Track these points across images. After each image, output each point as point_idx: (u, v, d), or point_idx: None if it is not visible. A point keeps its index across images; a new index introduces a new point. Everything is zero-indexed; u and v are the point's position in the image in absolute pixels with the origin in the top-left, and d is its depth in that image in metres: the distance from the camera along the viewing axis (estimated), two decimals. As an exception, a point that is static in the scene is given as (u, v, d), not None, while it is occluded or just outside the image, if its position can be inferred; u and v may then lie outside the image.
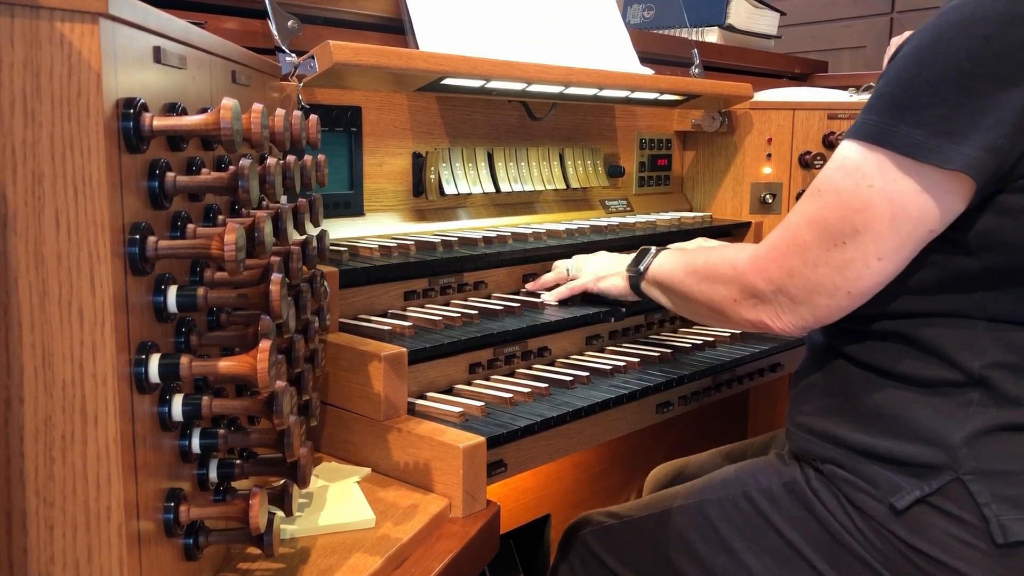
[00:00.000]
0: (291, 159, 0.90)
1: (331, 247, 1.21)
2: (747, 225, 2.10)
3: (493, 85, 1.56)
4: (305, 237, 1.00)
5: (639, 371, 1.46)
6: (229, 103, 0.71)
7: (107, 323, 0.65)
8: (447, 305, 1.46)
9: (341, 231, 1.48)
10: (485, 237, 1.55)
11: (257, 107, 0.76)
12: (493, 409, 1.24)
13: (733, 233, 2.09)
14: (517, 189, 1.78)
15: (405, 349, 1.17)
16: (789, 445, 1.25)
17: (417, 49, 1.54)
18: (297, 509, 0.99)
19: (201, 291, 0.74)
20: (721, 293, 1.20)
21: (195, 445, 0.78)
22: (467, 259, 1.48)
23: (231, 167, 0.74)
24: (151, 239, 0.69)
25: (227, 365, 0.73)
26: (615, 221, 1.83)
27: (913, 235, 1.02)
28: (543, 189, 1.84)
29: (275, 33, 1.36)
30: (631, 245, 1.76)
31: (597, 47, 1.87)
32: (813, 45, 3.65)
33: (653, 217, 1.99)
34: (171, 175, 0.73)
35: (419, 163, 1.62)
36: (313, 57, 1.32)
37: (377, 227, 1.55)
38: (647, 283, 1.41)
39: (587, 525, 1.41)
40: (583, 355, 1.53)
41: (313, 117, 0.97)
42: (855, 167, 1.03)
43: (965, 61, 0.96)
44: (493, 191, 1.74)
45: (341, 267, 1.29)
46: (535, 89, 1.63)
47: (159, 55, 0.74)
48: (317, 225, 1.05)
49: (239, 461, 0.85)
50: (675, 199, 2.22)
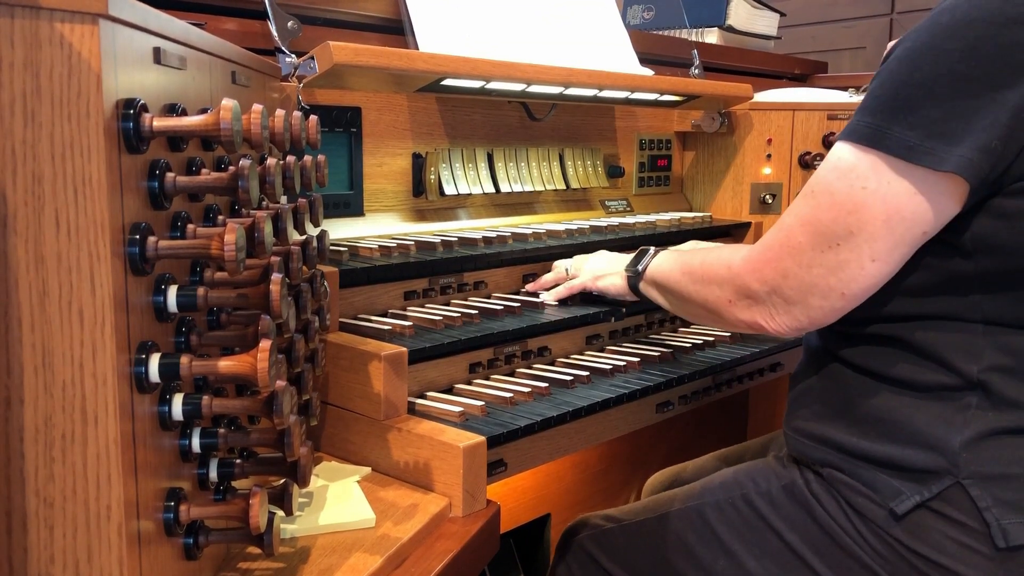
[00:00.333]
0: (291, 159, 0.90)
1: (331, 247, 1.21)
2: (747, 225, 2.10)
3: (493, 86, 1.56)
4: (305, 237, 1.00)
5: (639, 371, 1.46)
6: (229, 104, 0.71)
7: (107, 323, 0.65)
8: (447, 305, 1.46)
9: (341, 231, 1.49)
10: (485, 237, 1.55)
11: (257, 108, 0.76)
12: (493, 409, 1.24)
13: (733, 233, 2.10)
14: (517, 189, 1.78)
15: (405, 349, 1.18)
16: (787, 448, 1.24)
17: (417, 50, 1.54)
18: (297, 509, 0.99)
19: (201, 291, 0.74)
20: (716, 294, 1.19)
21: (195, 445, 0.78)
22: (467, 259, 1.49)
23: (231, 167, 0.75)
24: (151, 239, 0.69)
25: (227, 365, 0.73)
26: (615, 221, 1.83)
27: (907, 237, 1.01)
28: (543, 189, 1.84)
29: (275, 34, 1.36)
30: (631, 245, 1.76)
31: (597, 48, 1.87)
32: (813, 46, 3.65)
33: (653, 217, 1.99)
34: (171, 175, 0.73)
35: (419, 163, 1.63)
36: (313, 58, 1.32)
37: (377, 227, 1.56)
38: (645, 283, 1.41)
39: (584, 528, 1.40)
40: (583, 355, 1.53)
41: (313, 118, 0.98)
42: (848, 168, 1.02)
43: (959, 63, 0.96)
44: (493, 191, 1.74)
45: (341, 267, 1.29)
46: (535, 90, 1.63)
47: (159, 56, 0.74)
48: (317, 225, 1.05)
49: (239, 461, 0.85)
50: (675, 199, 2.22)
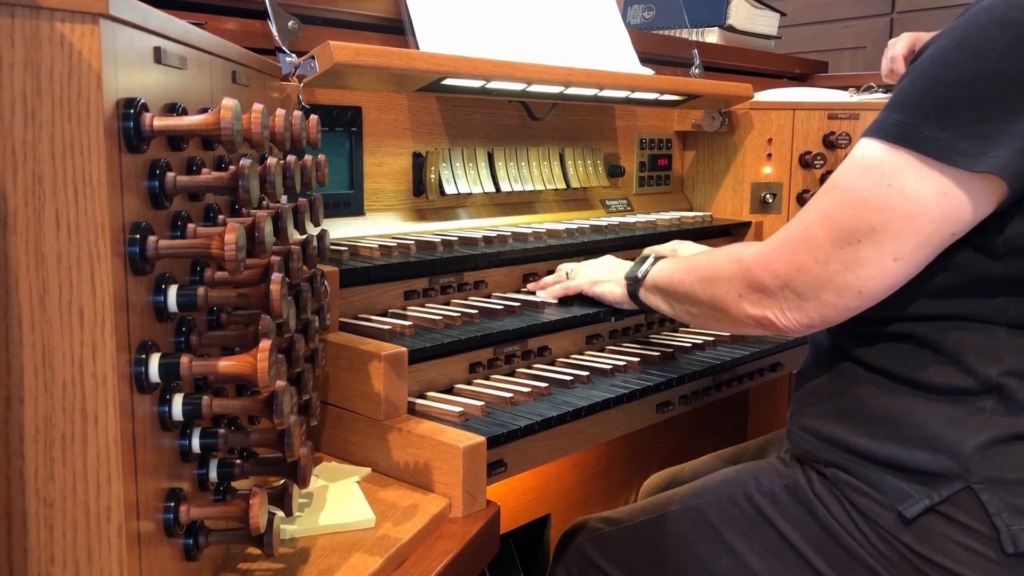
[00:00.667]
0: (291, 159, 0.90)
1: (331, 247, 1.21)
2: (747, 225, 2.10)
3: (493, 85, 1.56)
4: (305, 237, 1.00)
5: (639, 371, 1.46)
6: (229, 103, 0.71)
7: (107, 323, 0.65)
8: (447, 305, 1.46)
9: (341, 231, 1.48)
10: (485, 237, 1.55)
11: (257, 107, 0.76)
12: (493, 409, 1.23)
13: (733, 233, 2.10)
14: (517, 189, 1.78)
15: (405, 348, 1.17)
16: (791, 447, 1.23)
17: (417, 49, 1.54)
18: (297, 509, 0.99)
19: (201, 291, 0.74)
20: (725, 289, 1.16)
21: (195, 445, 0.78)
22: (467, 259, 1.48)
23: (231, 167, 0.75)
24: (151, 239, 0.69)
25: (227, 365, 0.73)
26: (615, 221, 1.83)
27: (934, 238, 0.99)
28: (543, 189, 1.84)
29: (275, 33, 1.36)
30: (631, 245, 1.76)
31: (597, 47, 1.87)
32: (813, 45, 3.65)
33: (653, 217, 1.99)
34: (171, 175, 0.73)
35: (419, 163, 1.62)
36: (313, 57, 1.32)
37: (377, 227, 1.55)
38: (646, 289, 1.39)
39: (582, 532, 1.39)
40: (583, 355, 1.53)
41: (313, 117, 0.97)
42: (874, 165, 1.00)
43: (996, 62, 0.94)
44: (493, 191, 1.74)
45: (341, 267, 1.29)
46: (535, 89, 1.63)
47: (159, 55, 0.74)
48: (317, 225, 1.05)
49: (239, 461, 0.85)
50: (675, 199, 2.22)
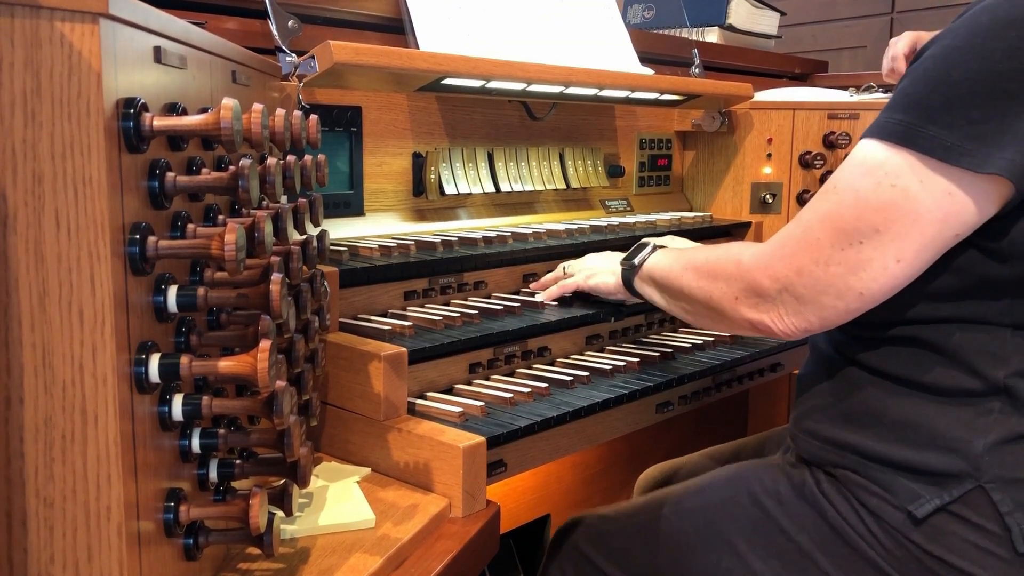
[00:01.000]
0: (291, 159, 0.90)
1: (331, 247, 1.21)
2: (747, 225, 2.10)
3: (493, 85, 1.56)
4: (305, 237, 1.00)
5: (639, 371, 1.46)
6: (229, 103, 0.71)
7: (107, 323, 0.65)
8: (447, 305, 1.46)
9: (341, 231, 1.48)
10: (485, 237, 1.55)
11: (257, 107, 0.76)
12: (493, 409, 1.23)
13: (733, 233, 2.10)
14: (517, 189, 1.78)
15: (405, 349, 1.17)
16: (796, 449, 1.21)
17: (417, 49, 1.54)
18: (297, 509, 0.99)
19: (201, 291, 0.74)
20: (722, 290, 1.14)
21: (195, 445, 0.78)
22: (467, 259, 1.48)
23: (231, 167, 0.74)
24: (151, 239, 0.69)
25: (227, 365, 0.73)
26: (615, 221, 1.83)
27: (938, 239, 0.98)
28: (543, 189, 1.84)
29: (275, 33, 1.36)
30: (631, 245, 1.75)
31: (597, 47, 1.87)
32: (813, 45, 3.65)
33: (653, 217, 1.99)
34: (171, 175, 0.73)
35: (419, 163, 1.62)
36: (313, 57, 1.32)
37: (377, 227, 1.55)
38: (641, 279, 1.36)
39: (578, 528, 1.36)
40: (583, 355, 1.53)
41: (313, 117, 0.97)
42: (876, 166, 0.99)
43: (1001, 62, 0.92)
44: (493, 191, 1.74)
45: (341, 267, 1.29)
46: (535, 89, 1.63)
47: (159, 55, 0.74)
48: (317, 225, 1.05)
49: (239, 461, 0.85)
50: (675, 199, 2.22)
